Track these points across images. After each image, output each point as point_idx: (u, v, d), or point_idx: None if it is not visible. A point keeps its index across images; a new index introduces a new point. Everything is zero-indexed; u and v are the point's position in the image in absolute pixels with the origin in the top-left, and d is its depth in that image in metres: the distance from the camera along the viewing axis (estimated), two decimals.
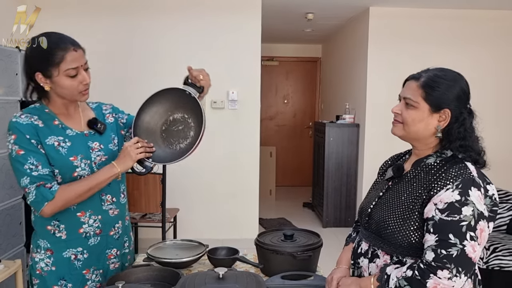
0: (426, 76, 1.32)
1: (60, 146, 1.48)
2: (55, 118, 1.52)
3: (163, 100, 1.63)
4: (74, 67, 1.46)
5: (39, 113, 1.50)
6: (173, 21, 4.23)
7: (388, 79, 4.74)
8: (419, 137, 1.34)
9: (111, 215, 1.60)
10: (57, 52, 1.43)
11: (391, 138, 5.09)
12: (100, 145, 1.59)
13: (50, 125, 1.50)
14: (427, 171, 1.31)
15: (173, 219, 4.03)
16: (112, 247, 1.62)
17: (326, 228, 5.09)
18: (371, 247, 1.38)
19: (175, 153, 1.61)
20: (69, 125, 1.54)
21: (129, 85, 4.19)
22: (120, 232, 1.64)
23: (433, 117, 1.30)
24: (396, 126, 1.38)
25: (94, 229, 1.55)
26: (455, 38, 4.73)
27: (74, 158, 1.50)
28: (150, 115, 1.63)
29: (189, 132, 1.62)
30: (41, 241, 1.53)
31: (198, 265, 1.78)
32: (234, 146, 4.34)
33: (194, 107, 1.59)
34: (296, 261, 1.60)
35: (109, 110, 1.72)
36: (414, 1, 4.45)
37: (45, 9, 3.98)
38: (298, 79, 7.57)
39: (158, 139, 1.64)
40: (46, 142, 1.46)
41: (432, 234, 1.19)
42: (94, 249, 1.56)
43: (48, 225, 1.51)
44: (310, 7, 4.77)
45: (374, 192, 1.50)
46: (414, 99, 1.31)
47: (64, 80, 1.46)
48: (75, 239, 1.53)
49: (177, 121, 1.63)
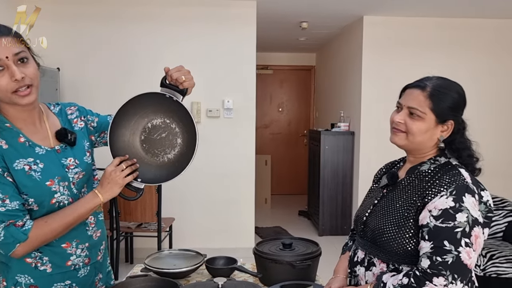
0: (432, 86, 1.31)
1: (32, 170, 1.24)
2: (20, 134, 1.26)
3: (138, 107, 1.39)
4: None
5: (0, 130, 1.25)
6: (168, 30, 4.24)
7: (382, 87, 4.78)
8: (421, 147, 1.34)
9: (95, 239, 1.42)
10: None
11: (386, 145, 5.08)
12: (75, 161, 1.35)
13: (15, 145, 1.24)
14: (421, 178, 1.32)
15: (168, 229, 4.01)
16: (99, 272, 1.46)
17: (322, 237, 5.08)
18: (367, 255, 1.38)
19: (164, 165, 1.41)
20: (37, 141, 1.29)
21: (125, 97, 4.17)
22: (103, 253, 1.48)
23: (438, 128, 1.31)
24: (398, 135, 1.36)
25: (82, 259, 1.36)
26: (450, 47, 4.78)
27: (51, 182, 1.27)
28: (125, 127, 1.40)
29: (175, 139, 1.41)
30: (21, 276, 1.28)
31: (196, 275, 1.77)
32: (230, 155, 4.34)
33: (176, 110, 1.39)
34: (295, 270, 1.60)
35: (75, 114, 1.45)
36: (407, 10, 4.50)
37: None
38: (293, 88, 7.60)
39: (139, 152, 1.41)
40: (14, 167, 1.21)
41: (427, 241, 1.20)
42: (84, 281, 1.38)
43: (27, 257, 1.27)
44: (305, 16, 4.81)
45: (369, 200, 1.50)
46: (421, 110, 1.29)
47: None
48: (62, 272, 1.32)
49: (158, 128, 1.41)
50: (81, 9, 4.17)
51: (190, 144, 1.39)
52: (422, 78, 1.36)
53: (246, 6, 4.24)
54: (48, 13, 4.06)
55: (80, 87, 4.16)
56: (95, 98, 4.09)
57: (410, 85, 1.37)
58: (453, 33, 4.78)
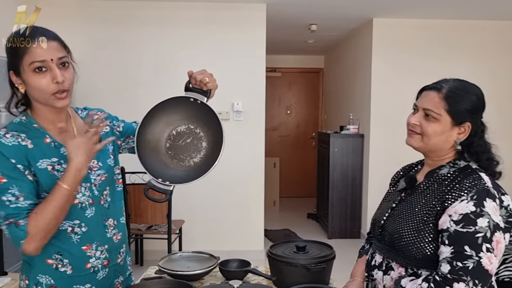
0: (448, 87, 1.30)
1: (55, 170, 1.27)
2: (46, 134, 1.30)
3: (163, 114, 1.42)
4: (40, 59, 1.21)
5: (26, 130, 1.27)
6: (178, 32, 4.26)
7: (392, 89, 4.76)
8: (436, 149, 1.33)
9: (115, 242, 1.42)
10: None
11: (396, 148, 5.10)
12: (98, 163, 1.38)
13: (41, 145, 1.27)
14: (441, 182, 1.31)
15: (178, 231, 4.02)
16: (119, 275, 1.46)
17: (332, 239, 5.06)
18: (385, 259, 1.37)
19: (191, 169, 1.43)
20: (62, 141, 1.31)
21: (134, 97, 4.20)
22: (124, 256, 1.49)
23: (454, 130, 1.30)
24: (413, 137, 1.35)
25: (101, 261, 1.37)
26: (460, 49, 4.76)
27: None
28: (151, 134, 1.42)
29: (200, 143, 1.44)
30: (42, 277, 1.30)
31: (210, 277, 1.77)
32: (239, 157, 4.34)
33: (199, 115, 1.42)
34: (310, 273, 1.59)
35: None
36: (418, 12, 4.48)
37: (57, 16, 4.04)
38: (301, 90, 7.59)
39: (166, 159, 1.44)
40: (38, 166, 1.24)
41: (447, 246, 1.18)
42: (103, 283, 1.39)
43: (48, 258, 1.30)
44: (314, 18, 4.81)
45: (387, 204, 1.49)
46: (436, 111, 1.29)
47: (31, 78, 1.22)
48: (82, 275, 1.33)
49: (182, 134, 1.44)
50: (91, 12, 4.20)
51: (215, 145, 1.41)
52: (439, 80, 1.35)
53: (256, 9, 4.25)
54: (60, 16, 4.10)
55: (91, 90, 4.18)
56: (105, 100, 4.11)
57: (426, 87, 1.36)
58: (465, 35, 4.75)
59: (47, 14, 4.09)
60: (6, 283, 2.50)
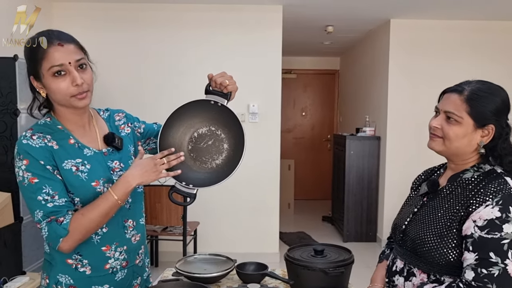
0: (470, 89, 1.27)
1: (79, 171, 1.29)
2: (70, 136, 1.33)
3: (184, 117, 1.44)
4: (58, 64, 1.23)
5: (51, 131, 1.30)
6: (195, 34, 4.27)
7: (410, 92, 4.70)
8: (459, 153, 1.30)
9: (134, 243, 1.43)
10: (39, 48, 1.23)
11: (413, 151, 5.03)
12: (120, 164, 1.40)
13: (65, 146, 1.30)
14: (464, 186, 1.28)
15: (193, 233, 4.02)
16: (138, 276, 1.47)
17: (347, 243, 5.01)
18: (406, 265, 1.34)
19: (213, 171, 1.45)
20: (86, 143, 1.35)
21: (150, 98, 4.22)
22: (143, 257, 1.49)
23: (477, 133, 1.27)
24: (435, 140, 1.33)
25: (120, 262, 1.38)
26: (480, 51, 4.68)
27: (96, 183, 1.31)
28: (172, 137, 1.44)
29: (221, 145, 1.45)
30: (62, 276, 1.32)
31: (227, 280, 1.76)
32: (255, 159, 4.32)
33: (220, 117, 1.44)
34: (328, 278, 1.57)
35: (123, 120, 1.52)
36: (436, 13, 4.42)
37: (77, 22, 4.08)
38: (316, 92, 7.56)
39: (188, 161, 1.44)
40: (63, 167, 1.27)
41: (471, 253, 1.16)
42: (122, 284, 1.40)
43: (69, 258, 1.32)
44: (331, 20, 4.78)
45: (408, 208, 1.45)
46: (458, 114, 1.26)
47: (51, 82, 1.25)
48: (101, 276, 1.35)
49: (204, 136, 1.46)
50: (105, 13, 4.24)
51: (236, 147, 1.44)
52: (462, 82, 1.32)
53: (272, 10, 4.24)
54: (73, 20, 4.16)
55: (107, 92, 4.22)
56: (121, 102, 4.14)
57: (448, 89, 1.33)
58: (485, 36, 4.67)
59: (61, 18, 4.17)
60: (24, 282, 2.53)
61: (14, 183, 2.91)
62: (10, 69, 2.80)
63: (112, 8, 4.22)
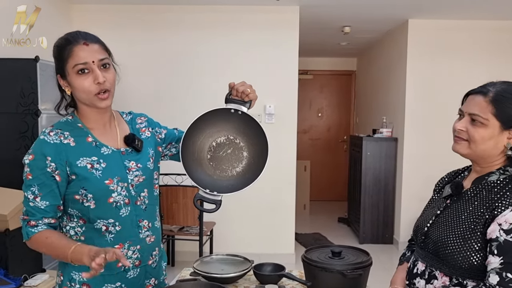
0: (495, 90, 1.25)
1: (93, 169, 1.31)
2: (89, 134, 1.36)
3: (203, 126, 1.44)
4: (82, 62, 1.27)
5: (71, 128, 1.34)
6: (212, 35, 4.29)
7: (427, 92, 4.65)
8: (485, 156, 1.28)
9: (148, 243, 1.43)
10: (66, 47, 1.29)
11: (430, 152, 4.96)
12: (137, 165, 1.41)
13: (83, 143, 1.33)
14: (490, 189, 1.25)
15: (209, 233, 4.04)
16: (151, 277, 1.47)
17: (363, 245, 4.97)
18: (428, 267, 1.32)
19: (234, 178, 1.47)
20: (104, 141, 1.37)
21: (167, 98, 4.26)
22: (157, 259, 1.50)
23: (503, 135, 1.24)
24: (460, 143, 1.30)
25: (133, 261, 1.39)
26: (500, 51, 4.59)
27: (110, 181, 1.33)
28: (193, 146, 1.45)
29: (241, 153, 1.47)
30: (76, 274, 1.34)
31: (244, 280, 1.76)
32: (271, 160, 4.28)
33: (239, 125, 1.45)
34: (346, 280, 1.56)
35: (144, 124, 1.53)
36: (454, 13, 4.36)
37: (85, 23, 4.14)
38: (333, 93, 7.52)
39: (209, 170, 1.46)
40: (77, 164, 1.30)
41: (496, 256, 1.14)
42: (133, 282, 1.41)
43: None
44: (348, 20, 4.75)
45: (431, 210, 1.43)
46: (483, 116, 1.24)
47: (75, 80, 1.29)
48: (113, 274, 1.36)
49: (223, 145, 1.47)
50: (123, 15, 4.29)
51: (256, 154, 1.47)
52: (486, 84, 1.29)
53: (289, 11, 4.24)
54: (96, 22, 4.21)
55: (130, 94, 4.27)
56: (144, 104, 4.19)
57: (472, 91, 1.31)
58: (505, 36, 4.59)
59: (80, 21, 4.22)
60: (44, 280, 2.57)
61: None
62: (31, 70, 2.85)
63: (131, 10, 4.26)
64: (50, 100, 3.00)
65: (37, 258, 2.81)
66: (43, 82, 2.90)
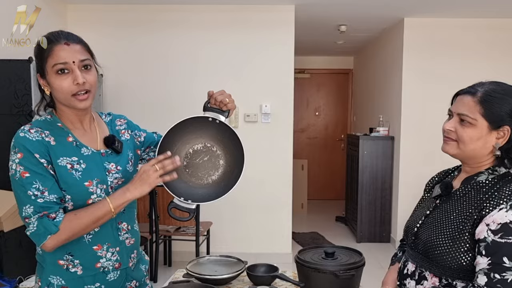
0: (483, 90, 1.25)
1: (73, 169, 1.29)
2: (69, 134, 1.33)
3: (180, 133, 1.44)
4: (62, 62, 1.25)
5: (51, 128, 1.31)
6: (207, 35, 4.27)
7: (424, 91, 4.65)
8: (474, 156, 1.28)
9: (127, 245, 1.42)
10: (47, 46, 1.27)
11: (427, 151, 4.97)
12: (117, 167, 1.39)
13: (63, 143, 1.30)
14: (478, 189, 1.25)
15: (206, 233, 4.03)
16: (132, 279, 1.45)
17: (361, 243, 4.98)
18: (418, 268, 1.32)
19: (209, 187, 1.46)
20: (84, 142, 1.35)
21: (161, 97, 4.25)
22: (135, 262, 1.47)
23: (492, 135, 1.24)
24: (449, 144, 1.30)
25: (112, 263, 1.37)
26: (496, 49, 4.59)
27: (89, 183, 1.30)
28: (169, 152, 1.41)
29: (217, 161, 1.47)
30: (53, 278, 1.32)
31: (237, 281, 1.76)
32: (267, 160, 4.32)
33: (217, 133, 1.45)
34: (338, 280, 1.56)
35: (124, 126, 1.52)
36: (450, 11, 4.35)
37: (80, 23, 4.13)
38: (330, 92, 7.51)
39: (184, 176, 1.45)
40: (58, 163, 1.27)
41: (484, 257, 1.13)
42: (114, 284, 1.38)
43: (60, 259, 1.31)
44: (343, 19, 4.74)
45: (421, 210, 1.43)
46: (471, 116, 1.24)
47: (54, 79, 1.27)
48: (92, 275, 1.33)
49: (199, 152, 1.46)
50: (119, 15, 4.27)
51: (233, 163, 1.46)
52: (474, 84, 1.29)
53: (284, 10, 4.23)
54: (86, 21, 4.20)
55: (117, 94, 4.26)
56: (131, 104, 4.18)
57: (461, 91, 1.31)
58: (501, 34, 4.58)
59: (75, 21, 4.21)
60: None
61: None
62: (25, 71, 2.84)
63: (126, 10, 4.25)
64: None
65: (32, 260, 2.80)
66: (36, 83, 2.88)
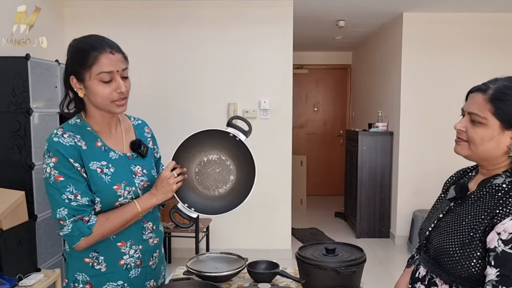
0: (495, 87, 1.16)
1: (103, 173, 1.35)
2: (98, 138, 1.39)
3: (198, 140, 1.46)
4: (108, 71, 1.31)
5: (81, 132, 1.36)
6: (205, 31, 4.25)
7: (423, 86, 4.64)
8: (488, 157, 1.19)
9: (150, 245, 1.47)
10: (91, 53, 1.30)
11: (426, 146, 4.96)
12: (142, 170, 1.46)
13: (93, 148, 1.36)
14: (493, 193, 1.16)
15: (206, 229, 4.03)
16: (151, 278, 1.50)
17: (360, 239, 4.98)
18: (429, 273, 1.26)
19: (214, 199, 1.48)
20: (111, 145, 1.41)
21: (162, 95, 4.23)
22: (157, 262, 1.52)
23: (505, 135, 1.15)
24: (460, 144, 1.23)
25: (135, 260, 1.42)
26: (495, 44, 4.58)
27: (117, 186, 1.36)
28: (183, 157, 1.45)
29: (228, 175, 1.49)
30: (79, 274, 1.38)
31: (238, 279, 1.76)
32: (266, 156, 4.31)
33: (233, 150, 1.47)
34: (340, 277, 1.55)
35: (150, 135, 1.59)
36: (449, 5, 4.34)
37: (79, 20, 4.11)
38: (328, 87, 7.50)
39: (192, 183, 1.47)
40: (89, 167, 1.33)
41: (493, 268, 1.06)
42: (135, 282, 1.43)
43: (86, 257, 1.37)
44: (342, 14, 4.73)
45: (435, 212, 1.36)
46: (481, 115, 1.16)
47: (96, 86, 1.31)
48: (115, 271, 1.39)
49: (213, 163, 1.48)
50: (117, 11, 4.25)
51: (242, 182, 1.48)
52: (488, 80, 1.20)
53: (283, 5, 4.21)
54: (87, 17, 4.17)
55: None
56: (129, 100, 4.16)
57: (473, 88, 1.22)
58: (500, 28, 4.57)
59: (72, 17, 4.18)
60: (39, 279, 2.55)
61: (28, 182, 2.93)
62: (22, 68, 2.82)
63: (123, 6, 4.22)
64: (42, 99, 2.97)
65: (32, 258, 2.80)
66: (34, 80, 2.87)
